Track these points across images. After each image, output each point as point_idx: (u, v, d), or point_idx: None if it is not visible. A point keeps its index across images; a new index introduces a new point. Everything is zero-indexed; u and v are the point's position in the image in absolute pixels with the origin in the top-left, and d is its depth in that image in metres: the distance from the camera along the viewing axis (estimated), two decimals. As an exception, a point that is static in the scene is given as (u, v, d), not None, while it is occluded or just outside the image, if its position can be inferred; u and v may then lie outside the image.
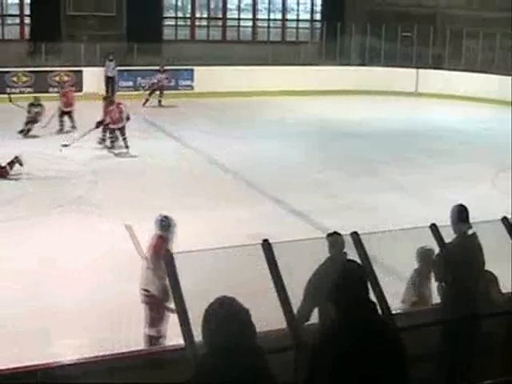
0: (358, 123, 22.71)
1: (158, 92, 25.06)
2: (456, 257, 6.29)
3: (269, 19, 32.41)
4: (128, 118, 18.15)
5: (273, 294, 5.43)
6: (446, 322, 6.26)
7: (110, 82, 26.33)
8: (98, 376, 5.40)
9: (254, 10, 32.23)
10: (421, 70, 29.02)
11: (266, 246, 5.54)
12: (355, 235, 5.94)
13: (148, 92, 25.02)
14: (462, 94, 27.28)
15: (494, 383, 5.30)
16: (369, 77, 28.49)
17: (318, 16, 32.85)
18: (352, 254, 5.93)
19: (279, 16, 32.66)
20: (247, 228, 11.58)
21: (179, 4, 32.12)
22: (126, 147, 17.99)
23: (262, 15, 32.51)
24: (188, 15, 31.79)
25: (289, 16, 32.72)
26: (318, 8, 32.82)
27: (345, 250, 6.38)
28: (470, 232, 6.54)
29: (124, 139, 18.06)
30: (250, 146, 19.19)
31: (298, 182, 15.75)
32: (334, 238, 6.44)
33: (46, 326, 8.51)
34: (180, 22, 31.59)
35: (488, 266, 6.72)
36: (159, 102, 24.89)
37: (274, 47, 29.84)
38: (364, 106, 25.67)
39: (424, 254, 7.12)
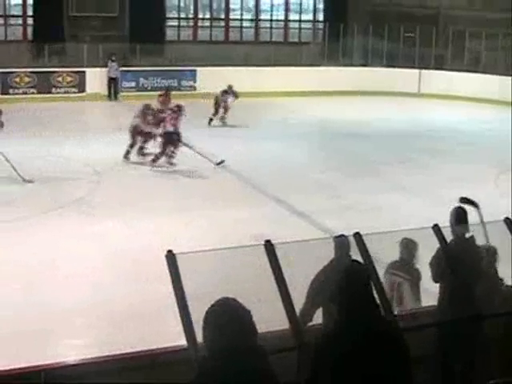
0: (360, 124, 22.70)
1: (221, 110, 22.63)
2: (452, 258, 6.29)
3: (271, 20, 32.42)
4: None
5: (275, 295, 5.43)
6: (443, 323, 6.26)
7: (112, 82, 26.38)
8: (100, 376, 5.41)
9: (257, 11, 32.26)
10: (423, 71, 29.03)
11: (269, 246, 5.54)
12: (357, 236, 5.94)
13: (213, 112, 22.56)
14: (464, 94, 27.28)
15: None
16: (371, 77, 28.49)
17: (320, 17, 32.86)
18: (356, 256, 5.93)
19: (282, 17, 32.67)
20: (249, 228, 11.57)
21: (182, 5, 32.14)
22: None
23: (264, 16, 32.54)
24: (191, 16, 31.83)
25: (291, 17, 32.72)
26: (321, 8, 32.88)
27: (350, 253, 6.36)
28: (468, 235, 6.55)
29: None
30: (252, 146, 19.20)
31: (301, 182, 15.75)
32: (341, 240, 6.43)
33: (46, 327, 8.51)
34: (182, 23, 31.60)
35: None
36: (222, 118, 22.61)
37: (276, 48, 29.85)
38: (366, 107, 25.66)
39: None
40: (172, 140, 16.64)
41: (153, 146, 16.98)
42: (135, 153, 17.18)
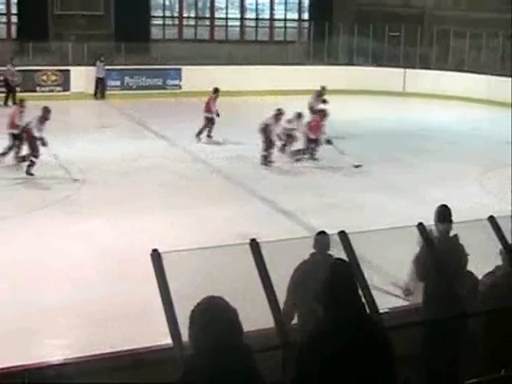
0: (346, 123, 22.69)
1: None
2: (436, 256, 6.31)
3: (257, 19, 32.44)
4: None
5: (261, 294, 5.43)
6: (428, 322, 6.28)
7: (99, 82, 26.26)
8: (85, 376, 5.39)
9: (242, 10, 32.26)
10: (408, 70, 29.14)
11: (254, 245, 5.53)
12: (343, 234, 5.93)
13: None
14: (450, 93, 27.38)
15: (479, 382, 5.31)
16: (356, 77, 28.55)
17: (305, 16, 32.90)
18: (340, 254, 5.93)
19: (267, 15, 32.69)
20: (235, 227, 11.58)
21: (167, 3, 32.09)
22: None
23: (249, 14, 32.56)
24: (176, 14, 31.80)
25: (277, 15, 32.75)
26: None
27: (330, 252, 6.35)
28: (452, 233, 6.57)
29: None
30: (238, 145, 19.18)
31: (287, 181, 15.76)
32: (320, 236, 6.44)
33: (32, 326, 8.48)
34: (168, 22, 31.58)
35: (473, 265, 6.75)
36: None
37: (261, 47, 29.86)
38: (352, 106, 25.68)
39: None
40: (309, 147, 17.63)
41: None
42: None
